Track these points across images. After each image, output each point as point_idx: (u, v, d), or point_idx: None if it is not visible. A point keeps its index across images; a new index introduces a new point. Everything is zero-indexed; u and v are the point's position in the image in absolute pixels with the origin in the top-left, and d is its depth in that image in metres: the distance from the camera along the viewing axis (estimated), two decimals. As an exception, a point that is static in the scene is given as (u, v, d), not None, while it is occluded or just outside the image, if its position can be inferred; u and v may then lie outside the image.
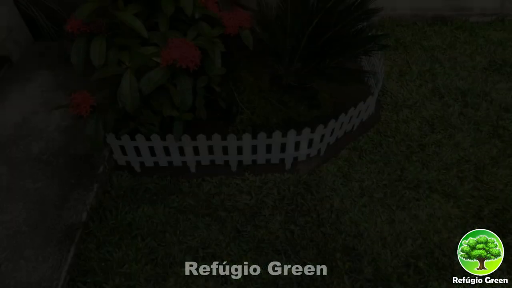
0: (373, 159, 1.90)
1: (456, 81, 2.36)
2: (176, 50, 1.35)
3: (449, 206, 1.72)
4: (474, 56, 2.57)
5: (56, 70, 2.23)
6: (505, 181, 1.82)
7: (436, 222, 1.66)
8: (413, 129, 2.06)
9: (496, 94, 2.28)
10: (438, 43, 2.67)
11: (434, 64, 2.49)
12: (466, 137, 2.02)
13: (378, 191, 1.77)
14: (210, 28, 1.57)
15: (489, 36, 2.74)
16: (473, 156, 1.93)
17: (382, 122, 2.10)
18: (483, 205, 1.73)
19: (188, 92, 1.48)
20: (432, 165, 1.88)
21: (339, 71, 1.89)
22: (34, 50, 2.38)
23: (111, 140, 1.66)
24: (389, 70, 2.43)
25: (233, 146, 1.70)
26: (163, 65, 1.37)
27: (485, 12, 2.93)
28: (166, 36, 1.50)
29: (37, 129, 1.86)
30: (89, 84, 2.10)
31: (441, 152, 1.94)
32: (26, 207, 1.55)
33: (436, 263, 1.53)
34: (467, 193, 1.77)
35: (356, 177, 1.82)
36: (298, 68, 1.99)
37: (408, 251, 1.56)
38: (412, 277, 1.49)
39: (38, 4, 2.32)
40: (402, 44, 2.65)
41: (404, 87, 2.31)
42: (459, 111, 2.17)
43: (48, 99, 2.03)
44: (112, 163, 1.81)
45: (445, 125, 2.08)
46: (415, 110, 2.16)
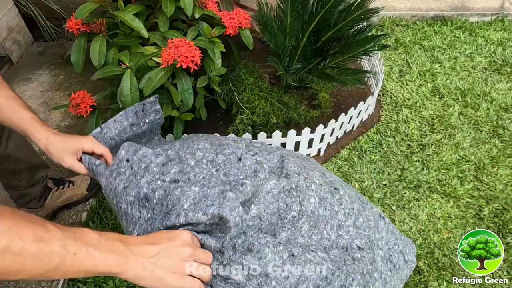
0: (373, 159, 1.90)
1: (456, 81, 2.36)
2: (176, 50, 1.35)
3: (449, 206, 1.72)
4: (474, 56, 2.57)
5: (56, 70, 2.23)
6: (505, 181, 1.82)
7: (436, 222, 1.66)
8: (413, 129, 2.06)
9: (496, 94, 2.28)
10: (438, 43, 2.67)
11: (434, 64, 2.49)
12: (466, 137, 2.02)
13: (378, 191, 1.77)
14: (210, 28, 1.57)
15: (489, 36, 2.74)
16: (473, 156, 1.93)
17: (382, 122, 2.10)
18: (483, 205, 1.73)
19: (188, 92, 1.48)
20: (432, 165, 1.88)
21: (339, 71, 1.89)
22: (34, 50, 2.38)
23: (111, 140, 1.65)
24: (389, 70, 2.43)
25: (233, 146, 1.70)
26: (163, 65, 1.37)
27: (485, 12, 2.93)
28: (166, 36, 1.50)
29: (37, 129, 1.86)
30: (89, 84, 2.11)
31: (441, 152, 1.94)
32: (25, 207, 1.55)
33: (436, 263, 1.53)
34: (467, 193, 1.77)
35: (356, 177, 1.82)
36: (298, 68, 2.00)
37: (408, 251, 1.56)
38: (412, 277, 1.49)
39: (38, 4, 2.33)
40: (402, 44, 2.65)
41: (404, 87, 2.31)
42: (459, 111, 2.17)
43: (48, 99, 2.03)
44: (112, 163, 1.81)
45: (445, 125, 2.09)
46: (415, 110, 2.17)
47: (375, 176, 1.83)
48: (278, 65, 1.97)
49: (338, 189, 1.15)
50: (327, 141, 1.91)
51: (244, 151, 1.09)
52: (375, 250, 1.12)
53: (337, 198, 1.12)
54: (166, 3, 1.47)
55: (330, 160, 1.90)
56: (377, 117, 2.14)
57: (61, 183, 1.54)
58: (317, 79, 1.81)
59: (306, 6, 1.74)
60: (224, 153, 1.08)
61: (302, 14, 1.74)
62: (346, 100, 2.21)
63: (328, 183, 1.15)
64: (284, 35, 1.87)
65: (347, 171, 1.84)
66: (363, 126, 2.09)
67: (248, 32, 1.68)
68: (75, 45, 1.43)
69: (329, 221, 1.08)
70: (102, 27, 1.40)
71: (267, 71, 2.17)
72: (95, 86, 2.09)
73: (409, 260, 1.28)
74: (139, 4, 1.51)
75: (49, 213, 1.48)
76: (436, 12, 2.90)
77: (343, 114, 1.82)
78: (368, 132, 2.04)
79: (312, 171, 1.16)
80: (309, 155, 1.90)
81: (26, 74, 2.18)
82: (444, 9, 2.93)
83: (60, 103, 2.00)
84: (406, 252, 1.28)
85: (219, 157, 1.06)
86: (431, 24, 2.86)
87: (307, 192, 1.06)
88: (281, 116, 1.91)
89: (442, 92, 2.28)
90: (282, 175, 1.03)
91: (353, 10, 1.66)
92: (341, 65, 1.89)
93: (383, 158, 1.91)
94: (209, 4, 1.58)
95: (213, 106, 2.02)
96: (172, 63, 1.36)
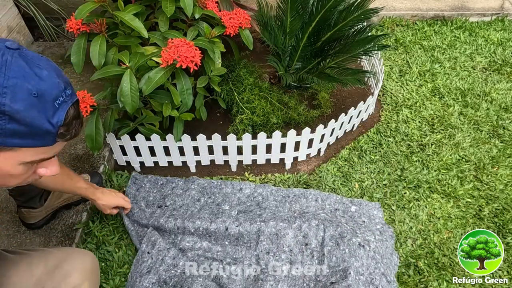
0: (373, 159, 1.90)
1: (456, 81, 2.36)
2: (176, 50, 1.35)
3: (449, 206, 1.72)
4: (474, 56, 2.57)
5: (56, 70, 2.23)
6: (505, 181, 1.82)
7: (436, 222, 1.66)
8: (413, 129, 2.06)
9: (496, 94, 2.28)
10: (438, 43, 2.67)
11: (434, 64, 2.49)
12: (466, 137, 2.02)
13: (378, 191, 1.77)
14: (210, 28, 1.57)
15: (489, 36, 2.74)
16: (473, 156, 1.93)
17: (382, 122, 2.10)
18: (483, 205, 1.73)
19: (188, 92, 1.48)
20: (432, 165, 1.88)
21: (339, 71, 1.89)
22: (34, 50, 2.38)
23: (111, 140, 1.66)
24: (389, 70, 2.43)
25: (233, 146, 1.70)
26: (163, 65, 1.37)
27: (485, 12, 2.93)
28: (166, 36, 1.50)
29: (37, 129, 1.86)
30: (89, 84, 2.11)
31: (441, 152, 1.94)
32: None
33: (436, 263, 1.53)
34: (467, 193, 1.77)
35: (356, 177, 1.82)
36: (298, 68, 2.00)
37: (408, 251, 1.56)
38: (412, 277, 1.49)
39: (38, 4, 2.33)
40: (402, 44, 2.66)
41: (404, 87, 2.31)
42: (459, 111, 2.17)
43: (48, 99, 2.03)
44: (112, 163, 1.81)
45: (445, 125, 2.09)
46: (415, 110, 2.17)
47: (375, 176, 1.83)
48: (278, 65, 1.98)
49: (308, 244, 1.45)
50: (327, 141, 1.91)
51: (229, 224, 1.50)
52: (354, 276, 1.35)
53: (307, 254, 1.44)
54: (166, 3, 1.47)
55: (330, 160, 1.90)
56: (377, 117, 2.15)
57: None
58: (317, 79, 1.81)
59: (306, 6, 1.74)
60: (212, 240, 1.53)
61: (302, 14, 1.74)
62: (346, 100, 2.22)
63: (301, 240, 1.46)
64: (284, 35, 1.87)
65: (347, 171, 1.84)
66: (363, 126, 2.09)
67: (248, 32, 1.68)
68: (75, 45, 1.43)
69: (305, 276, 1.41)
70: (102, 27, 1.40)
71: (267, 71, 2.17)
72: (95, 86, 2.09)
73: (391, 281, 1.44)
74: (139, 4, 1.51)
75: (49, 213, 1.48)
76: (436, 12, 2.90)
77: (343, 114, 1.82)
78: (368, 132, 2.04)
79: (284, 237, 1.46)
80: (309, 155, 1.90)
81: (26, 74, 2.18)
82: (444, 9, 2.93)
83: (60, 103, 2.00)
84: (388, 274, 1.45)
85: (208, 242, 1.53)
86: (431, 24, 2.86)
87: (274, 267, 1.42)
88: (281, 116, 1.91)
89: (442, 92, 2.28)
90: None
91: (353, 10, 1.66)
92: (341, 65, 1.89)
93: (383, 158, 1.92)
94: (209, 4, 1.58)
95: (213, 106, 2.03)
96: (172, 63, 1.36)
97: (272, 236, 1.47)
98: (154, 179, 1.75)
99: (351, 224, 1.57)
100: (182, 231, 1.51)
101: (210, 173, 1.82)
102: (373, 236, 1.52)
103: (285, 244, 1.46)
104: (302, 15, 1.75)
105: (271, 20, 1.89)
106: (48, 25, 2.38)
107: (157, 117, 1.64)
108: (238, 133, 1.81)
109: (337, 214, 1.63)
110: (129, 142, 1.66)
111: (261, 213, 1.58)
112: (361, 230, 1.54)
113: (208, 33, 1.54)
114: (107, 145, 1.76)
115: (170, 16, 1.47)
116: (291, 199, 1.67)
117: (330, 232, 1.47)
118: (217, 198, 1.67)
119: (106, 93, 1.55)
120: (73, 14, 1.41)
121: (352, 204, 1.69)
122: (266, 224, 1.49)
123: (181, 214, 1.56)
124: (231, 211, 1.60)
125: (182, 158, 1.78)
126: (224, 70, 1.67)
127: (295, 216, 1.54)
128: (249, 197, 1.68)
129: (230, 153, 1.75)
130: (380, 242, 1.52)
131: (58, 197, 1.49)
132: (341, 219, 1.59)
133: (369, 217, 1.64)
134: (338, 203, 1.69)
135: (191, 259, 1.44)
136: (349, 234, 1.47)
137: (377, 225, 1.61)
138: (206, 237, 1.50)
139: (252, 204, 1.65)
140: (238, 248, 1.48)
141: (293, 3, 1.70)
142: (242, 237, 1.48)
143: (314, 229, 1.47)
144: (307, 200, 1.67)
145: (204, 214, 1.57)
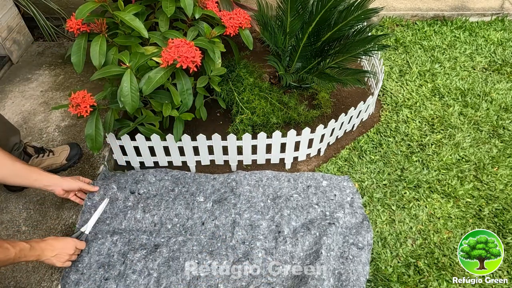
0: (373, 159, 1.90)
1: (456, 81, 2.36)
2: (176, 50, 1.35)
3: (449, 206, 1.72)
4: (474, 56, 2.57)
5: (56, 70, 2.23)
6: (505, 181, 1.82)
7: (436, 222, 1.66)
8: (413, 129, 2.06)
9: (496, 94, 2.28)
10: (438, 43, 2.67)
11: (434, 64, 2.49)
12: (466, 137, 2.02)
13: (378, 191, 1.77)
14: (210, 28, 1.57)
15: (489, 36, 2.74)
16: (473, 156, 1.93)
17: (382, 122, 2.10)
18: (483, 205, 1.73)
19: (188, 92, 1.48)
20: (432, 165, 1.88)
21: (339, 71, 1.89)
22: (34, 50, 2.38)
23: (111, 140, 1.66)
24: (389, 70, 2.43)
25: (233, 146, 1.70)
26: (163, 65, 1.37)
27: (485, 12, 2.93)
28: (166, 36, 1.50)
29: (37, 129, 1.86)
30: (89, 84, 2.11)
31: (441, 152, 1.94)
32: (26, 207, 1.55)
33: (436, 263, 1.53)
34: (467, 193, 1.77)
35: (356, 177, 1.82)
36: (298, 68, 2.00)
37: (408, 251, 1.56)
38: (412, 277, 1.49)
39: (38, 4, 2.33)
40: (402, 44, 2.66)
41: (404, 87, 2.31)
42: (459, 111, 2.17)
43: (48, 99, 2.03)
44: (112, 163, 1.81)
45: (445, 125, 2.09)
46: (415, 110, 2.17)
47: (375, 176, 1.83)
48: (278, 65, 1.98)
49: (281, 231, 1.52)
50: (327, 141, 1.91)
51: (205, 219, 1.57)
52: (325, 254, 1.43)
53: (280, 240, 1.49)
54: (166, 3, 1.47)
55: (330, 160, 1.90)
56: (377, 117, 2.15)
57: (41, 151, 1.62)
58: (317, 79, 1.81)
59: (306, 6, 1.74)
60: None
61: (302, 14, 1.74)
62: (346, 100, 2.22)
63: (274, 229, 1.53)
64: (284, 35, 1.87)
65: (347, 171, 1.84)
66: (363, 126, 2.09)
67: (248, 32, 1.68)
68: (75, 45, 1.43)
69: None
70: (102, 27, 1.40)
71: (267, 71, 2.17)
72: (95, 86, 2.09)
73: (363, 246, 1.51)
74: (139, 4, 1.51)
75: None
76: (436, 12, 2.90)
77: (343, 114, 1.82)
78: (368, 132, 2.04)
79: (258, 227, 1.53)
80: (309, 155, 1.90)
81: (26, 74, 2.19)
82: (444, 9, 2.93)
83: (60, 103, 2.00)
84: (360, 240, 1.53)
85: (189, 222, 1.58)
86: (431, 24, 2.86)
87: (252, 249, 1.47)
88: (281, 116, 1.91)
89: (442, 92, 2.28)
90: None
91: (353, 10, 1.66)
92: (341, 65, 1.89)
93: (383, 158, 1.91)
94: (209, 4, 1.58)
95: (213, 106, 2.03)
96: (172, 63, 1.36)
97: (247, 227, 1.54)
98: (124, 173, 1.74)
99: (322, 203, 1.65)
100: (158, 229, 1.54)
101: (210, 173, 1.82)
102: (342, 211, 1.61)
103: (259, 233, 1.52)
104: (302, 15, 1.75)
105: (271, 20, 1.89)
106: (48, 25, 2.38)
107: (157, 117, 1.64)
108: (238, 133, 1.81)
109: (309, 192, 1.69)
110: (129, 142, 1.66)
111: (236, 202, 1.61)
112: (331, 208, 1.63)
113: (208, 33, 1.54)
114: (107, 145, 1.76)
115: (170, 16, 1.47)
116: (264, 183, 1.72)
117: (301, 222, 1.57)
118: (191, 187, 1.69)
119: (106, 93, 1.55)
120: (73, 14, 1.41)
121: (324, 179, 1.76)
122: (241, 216, 1.56)
123: (156, 204, 1.59)
124: (206, 203, 1.62)
125: (182, 158, 1.78)
126: (224, 70, 1.67)
127: (268, 205, 1.62)
128: (223, 184, 1.71)
129: (230, 153, 1.75)
130: (350, 215, 1.62)
131: (37, 164, 1.58)
132: (313, 198, 1.66)
133: (340, 189, 1.72)
134: (310, 179, 1.75)
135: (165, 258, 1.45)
136: (318, 220, 1.56)
137: (347, 197, 1.69)
138: (182, 233, 1.53)
139: (227, 190, 1.68)
140: (214, 241, 1.50)
141: (293, 3, 1.70)
142: (218, 229, 1.53)
143: (286, 219, 1.56)
144: (279, 182, 1.73)
145: (178, 206, 1.59)
